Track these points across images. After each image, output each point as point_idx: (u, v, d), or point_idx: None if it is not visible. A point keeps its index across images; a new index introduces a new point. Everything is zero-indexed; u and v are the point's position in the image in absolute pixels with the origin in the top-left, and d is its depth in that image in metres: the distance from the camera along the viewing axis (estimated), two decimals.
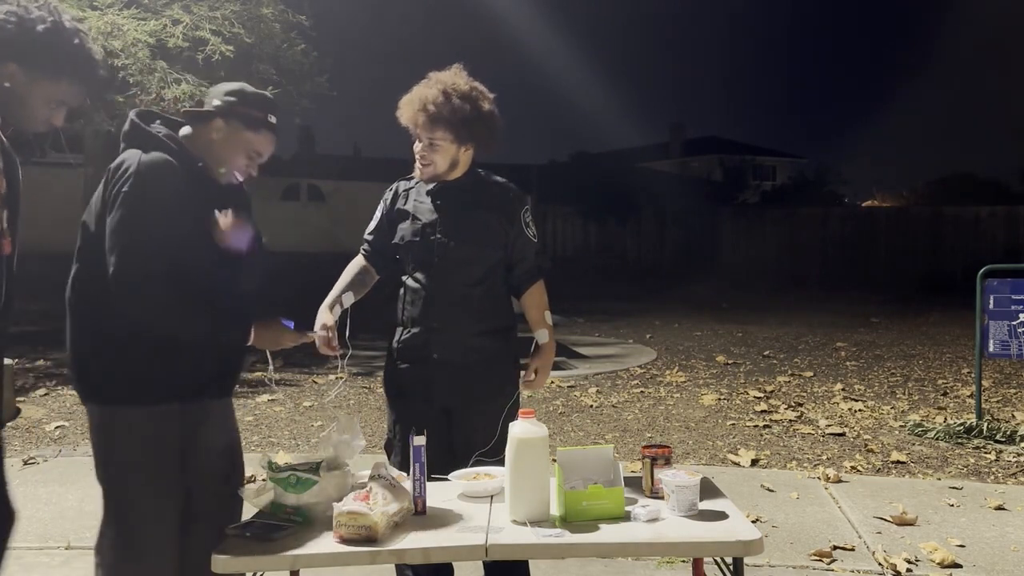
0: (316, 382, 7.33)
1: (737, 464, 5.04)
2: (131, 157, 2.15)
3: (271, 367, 2.60)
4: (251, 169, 2.35)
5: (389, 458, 2.71)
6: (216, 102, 2.28)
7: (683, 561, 3.37)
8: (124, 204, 2.10)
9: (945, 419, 6.03)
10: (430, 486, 2.23)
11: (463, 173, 2.68)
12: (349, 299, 2.71)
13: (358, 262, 2.82)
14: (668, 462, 2.32)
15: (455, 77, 2.61)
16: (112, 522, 2.19)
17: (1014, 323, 5.56)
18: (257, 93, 2.35)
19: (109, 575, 2.19)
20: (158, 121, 2.28)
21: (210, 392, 2.29)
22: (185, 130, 2.29)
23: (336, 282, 2.75)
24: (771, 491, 4.46)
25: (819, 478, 4.68)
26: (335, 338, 2.56)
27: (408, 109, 2.61)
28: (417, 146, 2.64)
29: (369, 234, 2.83)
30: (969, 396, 6.89)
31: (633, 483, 2.34)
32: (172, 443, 2.20)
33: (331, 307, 2.63)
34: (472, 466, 2.49)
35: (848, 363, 8.78)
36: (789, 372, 8.22)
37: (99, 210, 2.16)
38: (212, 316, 2.20)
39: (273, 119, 2.35)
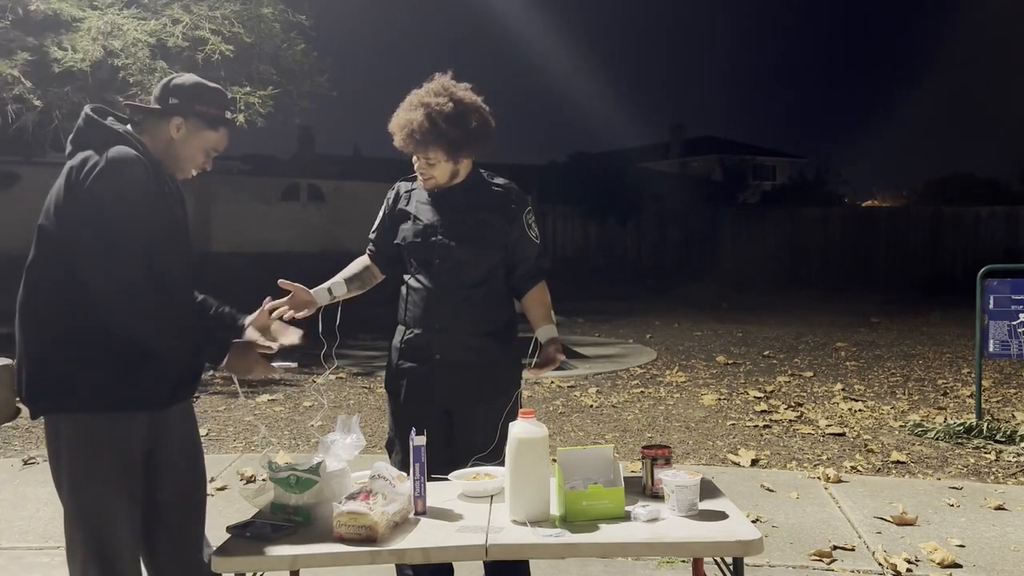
0: (316, 382, 7.34)
1: (737, 464, 5.04)
2: (95, 153, 2.06)
3: (239, 390, 2.57)
4: (206, 165, 2.30)
5: (390, 457, 2.71)
6: (174, 100, 2.20)
7: (683, 561, 3.37)
8: (96, 203, 2.02)
9: (945, 419, 6.03)
10: (430, 486, 2.23)
11: (465, 176, 2.69)
12: (339, 288, 2.72)
13: (362, 260, 2.85)
14: (668, 462, 2.32)
15: (438, 96, 2.57)
16: (80, 529, 2.13)
17: (1014, 323, 5.56)
18: (215, 89, 2.29)
19: None
20: (111, 118, 2.19)
21: (177, 396, 2.25)
22: (120, 125, 2.18)
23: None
24: (771, 491, 4.46)
25: (819, 478, 4.68)
26: (298, 296, 2.57)
27: (398, 136, 2.61)
28: (415, 162, 2.65)
29: (372, 232, 2.84)
30: (969, 396, 6.89)
31: (633, 483, 2.34)
32: (139, 448, 2.17)
33: (314, 288, 2.65)
34: (471, 467, 2.49)
35: (848, 363, 8.78)
36: (789, 372, 8.22)
37: (62, 211, 2.06)
38: (190, 325, 2.16)
39: (231, 115, 2.31)
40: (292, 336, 2.40)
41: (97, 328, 2.06)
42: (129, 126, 2.20)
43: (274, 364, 2.30)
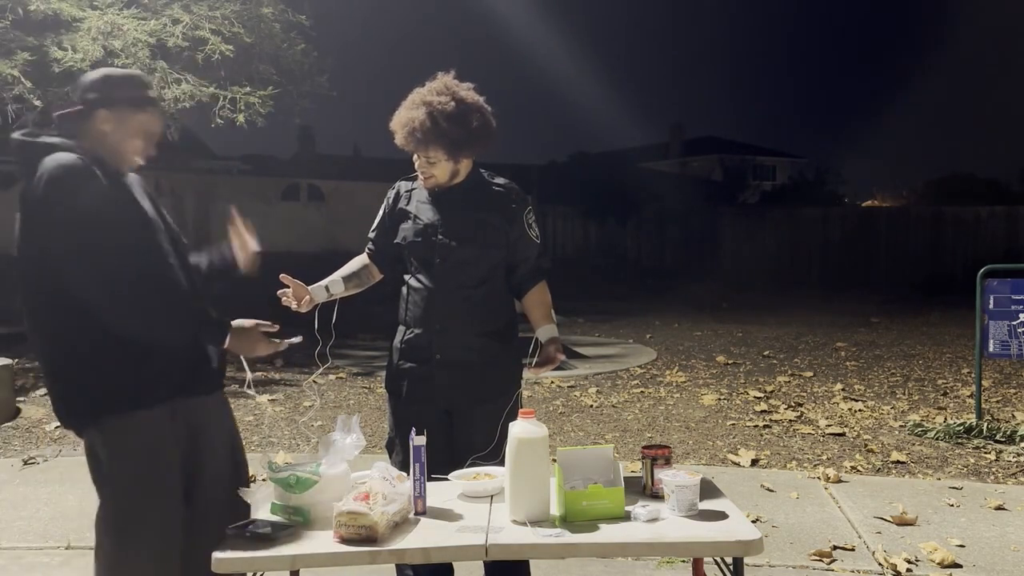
0: (316, 382, 7.33)
1: (737, 464, 5.03)
2: (39, 168, 2.06)
3: (248, 375, 2.52)
4: (149, 150, 2.30)
5: (390, 457, 2.71)
6: (92, 95, 2.20)
7: (683, 561, 3.37)
8: (54, 213, 2.03)
9: (945, 419, 6.03)
10: (430, 486, 2.24)
11: (465, 176, 2.69)
12: (337, 286, 2.73)
13: (360, 259, 2.85)
14: (668, 462, 2.32)
15: (440, 95, 2.57)
16: (112, 531, 2.15)
17: (1014, 323, 5.56)
18: (127, 73, 2.31)
19: None
20: (43, 136, 2.18)
21: (200, 388, 2.27)
22: (54, 138, 2.16)
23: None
24: (771, 491, 4.46)
25: (819, 478, 4.68)
26: (297, 292, 2.62)
27: (399, 134, 2.61)
28: (416, 160, 2.65)
29: (372, 231, 2.84)
30: (969, 396, 6.88)
31: (633, 483, 2.34)
32: (172, 446, 2.19)
33: (312, 286, 2.67)
34: (469, 467, 2.50)
35: (848, 363, 8.78)
36: (789, 372, 8.22)
37: (29, 232, 2.08)
38: (187, 312, 2.18)
39: (153, 93, 2.31)
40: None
41: (97, 334, 2.08)
42: (60, 138, 2.18)
43: (276, 340, 2.29)
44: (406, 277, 2.72)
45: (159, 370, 2.15)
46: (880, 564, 3.49)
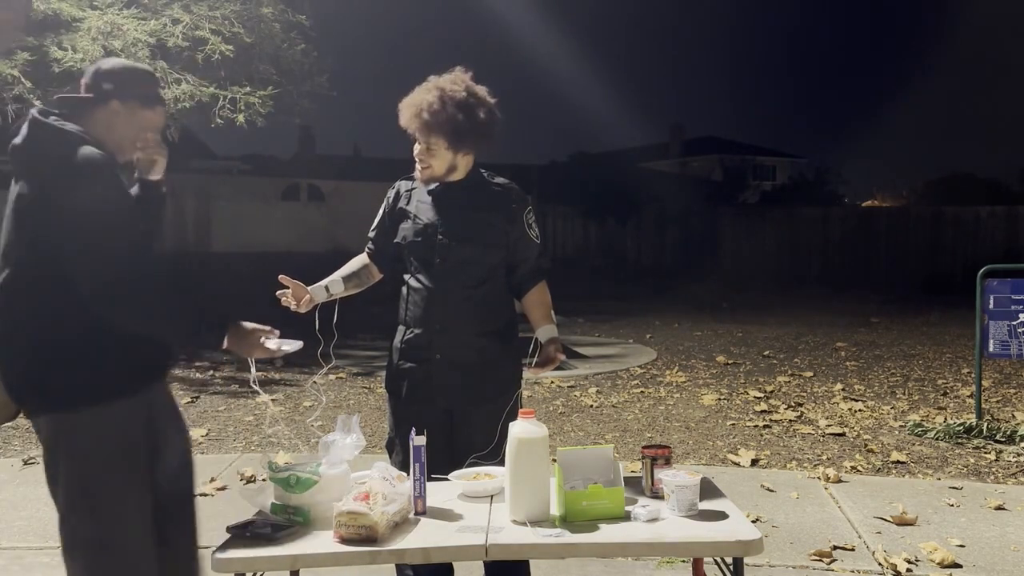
0: (317, 382, 7.33)
1: (737, 464, 5.04)
2: (61, 160, 2.05)
3: (253, 371, 2.49)
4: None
5: (390, 457, 2.71)
6: (108, 85, 2.19)
7: (683, 561, 3.37)
8: (80, 205, 2.02)
9: (945, 419, 6.03)
10: (430, 486, 2.24)
11: (465, 175, 2.69)
12: (337, 286, 2.73)
13: (360, 259, 2.86)
14: (668, 462, 2.32)
15: (454, 84, 2.61)
16: (87, 525, 2.12)
17: (1014, 323, 5.56)
18: (144, 69, 2.32)
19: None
20: (52, 116, 2.14)
21: (162, 373, 2.29)
22: (68, 125, 2.14)
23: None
24: (771, 491, 4.46)
25: (819, 478, 4.68)
26: (296, 293, 2.62)
27: (406, 112, 2.62)
28: (416, 148, 2.66)
29: (372, 231, 2.85)
30: (969, 396, 6.89)
31: (633, 483, 2.34)
32: (138, 433, 2.19)
33: (312, 286, 2.67)
34: (469, 467, 2.50)
35: (848, 363, 8.78)
36: (789, 372, 8.22)
37: (42, 218, 2.06)
38: (187, 313, 2.17)
39: (162, 92, 2.34)
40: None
41: (93, 325, 2.07)
42: (68, 123, 2.15)
43: (271, 345, 2.27)
44: (406, 277, 2.72)
45: (142, 360, 2.17)
46: (880, 564, 3.49)
